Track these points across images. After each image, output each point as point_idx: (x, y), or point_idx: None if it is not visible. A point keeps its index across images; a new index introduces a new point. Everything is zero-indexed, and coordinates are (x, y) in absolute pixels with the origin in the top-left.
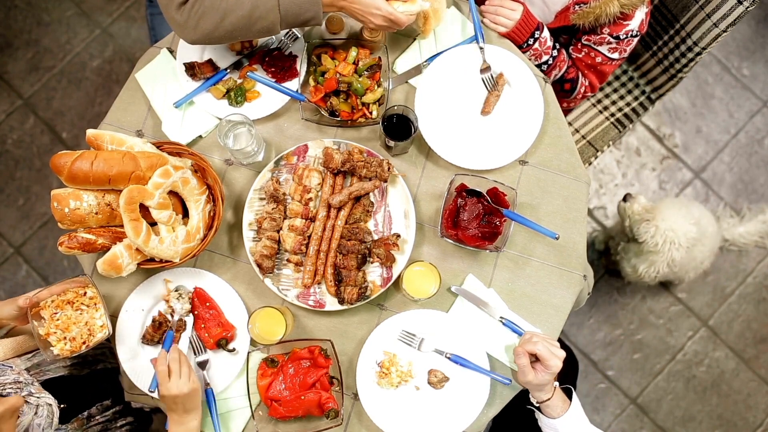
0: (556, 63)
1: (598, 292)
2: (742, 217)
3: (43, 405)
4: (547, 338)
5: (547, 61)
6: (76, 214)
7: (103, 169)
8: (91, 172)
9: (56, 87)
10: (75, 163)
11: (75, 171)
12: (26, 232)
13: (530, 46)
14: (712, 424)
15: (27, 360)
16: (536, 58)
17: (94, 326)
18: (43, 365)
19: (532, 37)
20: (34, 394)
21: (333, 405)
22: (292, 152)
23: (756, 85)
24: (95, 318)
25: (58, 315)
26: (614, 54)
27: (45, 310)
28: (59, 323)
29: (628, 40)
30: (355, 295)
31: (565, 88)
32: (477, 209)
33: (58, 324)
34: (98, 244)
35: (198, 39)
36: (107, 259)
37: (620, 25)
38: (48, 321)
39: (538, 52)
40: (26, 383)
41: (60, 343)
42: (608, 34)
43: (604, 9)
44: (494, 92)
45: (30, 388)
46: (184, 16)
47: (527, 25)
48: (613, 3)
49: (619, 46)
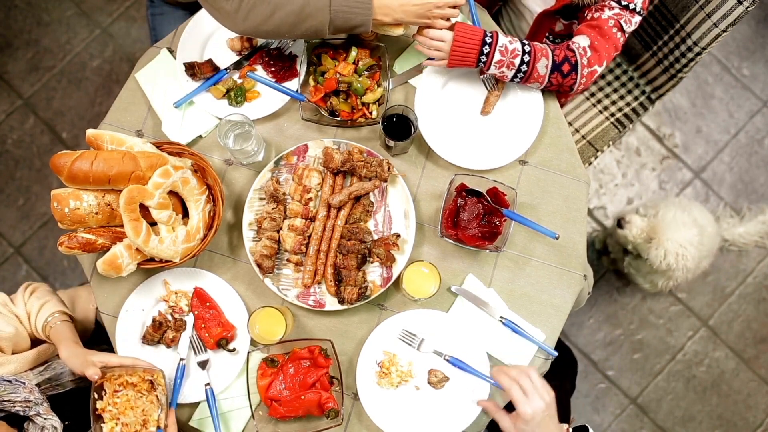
0: (534, 58)
1: (598, 292)
2: (742, 217)
3: (48, 427)
4: (529, 371)
5: (523, 60)
6: (76, 214)
7: (103, 169)
8: (91, 172)
9: (56, 87)
10: (75, 163)
11: (75, 171)
12: (26, 232)
13: (488, 62)
14: (712, 424)
15: (39, 374)
16: (508, 67)
17: (150, 417)
18: (54, 380)
19: (482, 54)
20: (42, 415)
21: (333, 405)
22: (292, 152)
23: (756, 85)
24: (152, 410)
25: (120, 393)
26: (622, 20)
27: (109, 382)
28: (118, 402)
29: (631, 12)
30: (355, 295)
31: (565, 71)
32: (477, 209)
33: (117, 403)
34: (98, 244)
35: (245, 30)
36: (107, 259)
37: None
38: (109, 396)
39: (504, 62)
40: (36, 403)
41: (111, 422)
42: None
43: None
44: (494, 92)
45: (39, 408)
46: (234, 6)
47: (469, 44)
48: None
49: (623, 13)
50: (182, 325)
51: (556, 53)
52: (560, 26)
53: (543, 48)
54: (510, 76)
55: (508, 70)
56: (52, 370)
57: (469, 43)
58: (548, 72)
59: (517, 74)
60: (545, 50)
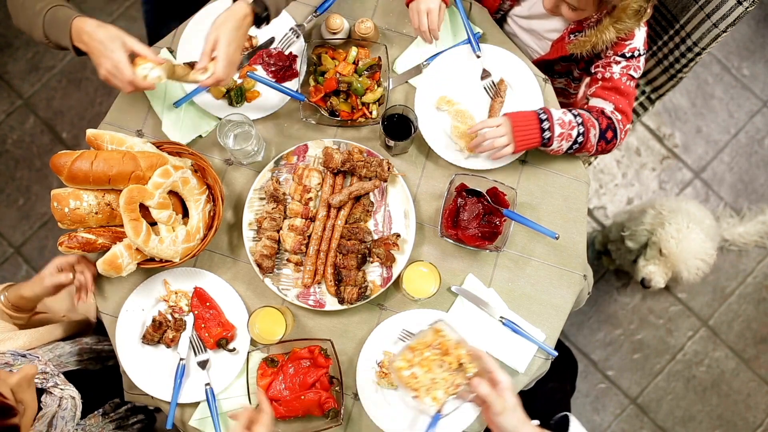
0: (587, 128)
1: (598, 292)
2: (742, 217)
3: (67, 398)
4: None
5: (579, 132)
6: (76, 213)
7: (103, 168)
8: (91, 172)
9: (56, 87)
10: (75, 163)
11: (75, 171)
12: (26, 232)
13: (551, 137)
14: (712, 424)
15: (49, 351)
16: (566, 139)
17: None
18: (63, 357)
19: (544, 130)
20: (59, 385)
21: (333, 405)
22: (292, 152)
23: (756, 85)
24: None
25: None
26: (630, 71)
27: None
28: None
29: (636, 58)
30: (355, 295)
31: (609, 137)
32: (477, 209)
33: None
34: (98, 244)
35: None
36: (107, 259)
37: (622, 44)
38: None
39: (564, 135)
40: (52, 374)
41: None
42: (614, 54)
43: (600, 37)
44: (498, 99)
45: (56, 379)
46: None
47: (528, 125)
48: (608, 30)
49: (630, 63)
50: (182, 324)
51: (600, 121)
52: (559, 66)
53: (588, 117)
54: (565, 149)
55: (566, 143)
56: (61, 348)
57: (527, 121)
58: (596, 140)
59: (573, 146)
60: (590, 119)
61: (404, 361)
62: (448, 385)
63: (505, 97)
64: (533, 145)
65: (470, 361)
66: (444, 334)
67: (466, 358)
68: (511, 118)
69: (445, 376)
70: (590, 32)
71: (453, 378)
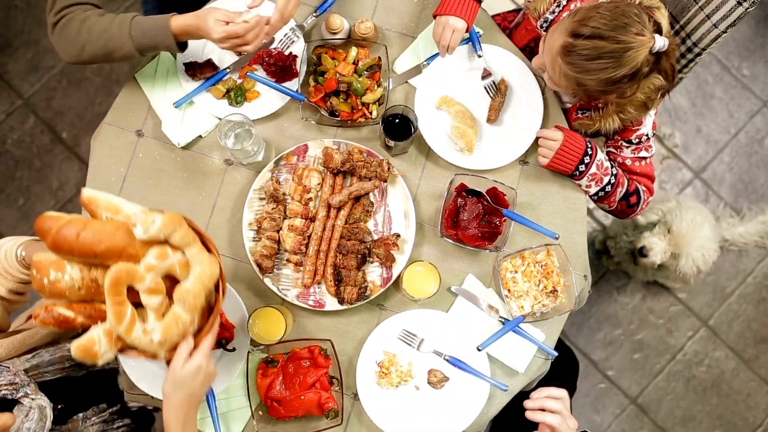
0: (618, 182)
1: (598, 292)
2: (742, 217)
3: (35, 407)
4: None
5: (610, 182)
6: (56, 287)
7: (90, 242)
8: (76, 244)
9: (56, 87)
10: (61, 231)
11: (59, 240)
12: (26, 232)
13: (584, 173)
14: (712, 424)
15: (26, 361)
16: (596, 183)
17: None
18: (42, 366)
19: (582, 163)
20: (30, 395)
21: (333, 405)
22: (292, 152)
23: (756, 85)
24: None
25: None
26: (640, 153)
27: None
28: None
29: (646, 142)
30: (355, 295)
31: (632, 202)
32: (477, 209)
33: None
34: (77, 323)
35: (69, 61)
36: (82, 344)
37: (630, 131)
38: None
39: (596, 177)
40: (22, 384)
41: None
42: (621, 139)
43: (603, 124)
44: (497, 99)
45: (26, 389)
46: (54, 39)
47: (572, 151)
48: (613, 118)
49: (640, 146)
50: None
51: (630, 184)
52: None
53: (621, 174)
54: (593, 192)
55: (596, 186)
56: (40, 357)
57: (575, 148)
58: (619, 198)
59: (599, 192)
60: (623, 176)
61: (512, 265)
62: (535, 302)
63: (505, 98)
64: (564, 171)
65: (563, 291)
66: (554, 260)
67: (561, 287)
68: (565, 138)
69: (536, 294)
70: (595, 115)
71: (542, 299)
